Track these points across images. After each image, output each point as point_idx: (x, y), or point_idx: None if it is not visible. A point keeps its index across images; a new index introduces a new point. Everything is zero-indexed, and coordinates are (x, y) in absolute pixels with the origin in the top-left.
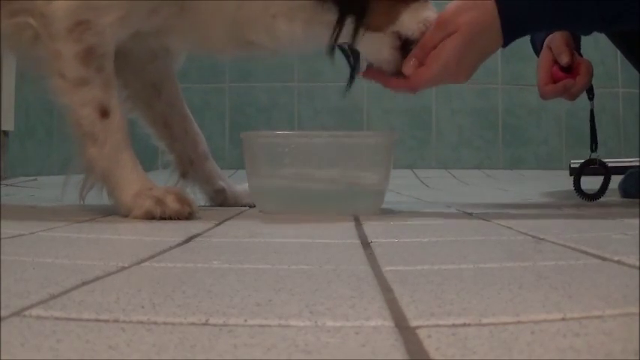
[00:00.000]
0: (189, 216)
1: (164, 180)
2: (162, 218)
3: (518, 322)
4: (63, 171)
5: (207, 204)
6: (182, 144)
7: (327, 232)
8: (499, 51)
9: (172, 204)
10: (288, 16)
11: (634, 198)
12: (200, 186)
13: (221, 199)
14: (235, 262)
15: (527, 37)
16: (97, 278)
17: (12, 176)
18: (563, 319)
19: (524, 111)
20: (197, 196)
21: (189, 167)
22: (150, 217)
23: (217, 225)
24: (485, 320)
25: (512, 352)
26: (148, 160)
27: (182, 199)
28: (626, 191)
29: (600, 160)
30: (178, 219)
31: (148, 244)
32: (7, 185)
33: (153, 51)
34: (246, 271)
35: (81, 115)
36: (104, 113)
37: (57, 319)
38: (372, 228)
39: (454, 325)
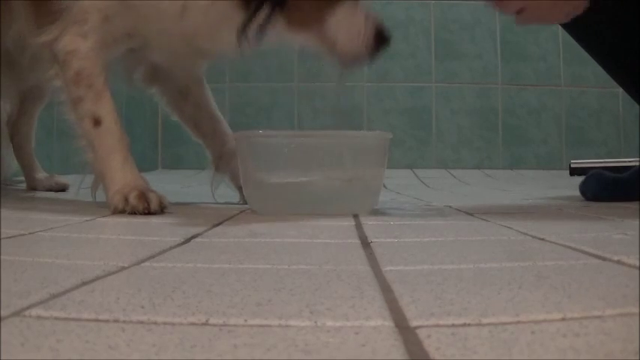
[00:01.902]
0: (144, 211)
1: (164, 179)
2: (130, 213)
3: (518, 322)
4: (63, 171)
5: (239, 201)
6: (211, 141)
7: (327, 232)
8: (499, 51)
9: (133, 200)
10: (225, 19)
11: (592, 200)
12: (229, 181)
13: (243, 197)
14: (235, 262)
15: (526, 37)
16: (97, 278)
17: (12, 176)
18: (563, 319)
19: (524, 111)
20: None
21: (219, 162)
22: (118, 212)
23: (217, 225)
24: (485, 320)
25: (512, 352)
26: (148, 161)
27: (142, 196)
28: (585, 193)
29: None
30: (135, 214)
31: (148, 244)
32: (7, 185)
33: (176, 61)
34: (246, 271)
35: (81, 127)
36: (96, 122)
37: (57, 319)
38: (372, 228)
39: (454, 325)
